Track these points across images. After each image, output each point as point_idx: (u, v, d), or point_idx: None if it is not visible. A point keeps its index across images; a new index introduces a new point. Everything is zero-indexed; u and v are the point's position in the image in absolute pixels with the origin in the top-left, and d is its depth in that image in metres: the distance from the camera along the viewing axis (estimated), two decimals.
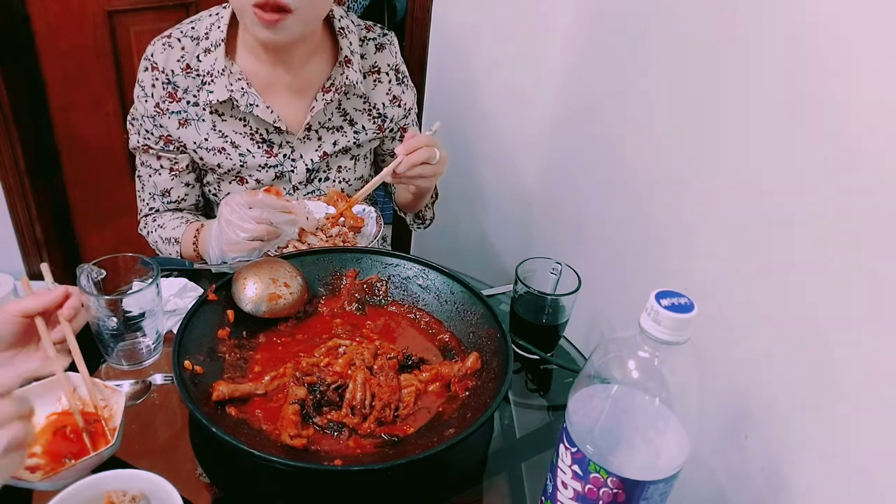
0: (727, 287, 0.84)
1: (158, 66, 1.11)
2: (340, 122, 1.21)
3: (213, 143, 1.15)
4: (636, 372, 0.59)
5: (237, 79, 1.11)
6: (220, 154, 1.16)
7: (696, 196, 0.96)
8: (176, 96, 1.12)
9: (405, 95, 1.26)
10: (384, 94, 1.23)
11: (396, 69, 1.24)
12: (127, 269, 0.88)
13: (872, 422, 0.59)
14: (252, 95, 1.12)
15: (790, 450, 0.69)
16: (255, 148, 1.16)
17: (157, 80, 1.11)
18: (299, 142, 1.18)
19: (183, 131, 1.14)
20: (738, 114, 0.85)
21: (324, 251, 1.01)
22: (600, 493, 0.61)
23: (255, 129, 1.16)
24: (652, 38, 1.14)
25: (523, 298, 0.95)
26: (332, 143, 1.21)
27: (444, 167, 1.11)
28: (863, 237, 0.62)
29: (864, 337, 0.61)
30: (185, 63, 1.11)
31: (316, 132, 1.19)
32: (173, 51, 1.11)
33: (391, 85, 1.23)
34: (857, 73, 0.64)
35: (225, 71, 1.10)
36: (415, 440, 0.77)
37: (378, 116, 1.23)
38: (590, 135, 1.43)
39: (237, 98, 1.11)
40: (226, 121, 1.14)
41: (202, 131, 1.14)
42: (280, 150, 1.18)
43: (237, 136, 1.16)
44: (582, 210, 1.46)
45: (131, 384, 0.85)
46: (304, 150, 1.19)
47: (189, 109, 1.13)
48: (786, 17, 0.76)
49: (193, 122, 1.14)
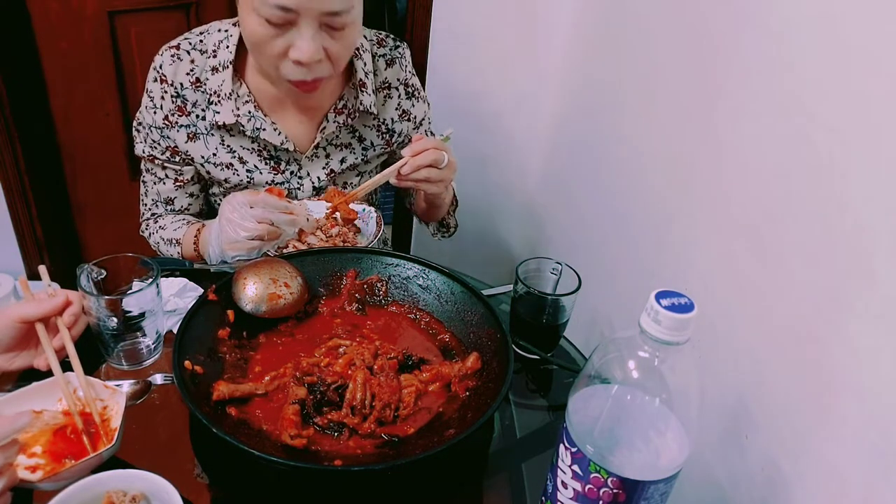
0: (727, 287, 0.84)
1: (167, 79, 1.09)
2: (349, 140, 1.20)
3: (221, 158, 1.14)
4: (636, 372, 0.59)
5: (245, 101, 1.10)
6: (227, 169, 1.15)
7: (696, 196, 0.96)
8: (185, 110, 1.11)
9: (415, 109, 1.24)
10: (393, 110, 1.21)
11: (406, 83, 1.22)
12: (127, 269, 0.88)
13: (872, 422, 0.59)
14: (259, 119, 1.11)
15: (790, 450, 0.70)
16: (262, 164, 1.16)
17: (167, 94, 1.10)
18: (307, 160, 1.17)
19: (191, 145, 1.13)
20: (739, 114, 0.85)
21: (324, 251, 1.01)
22: (600, 493, 0.61)
23: (262, 146, 1.15)
24: (653, 38, 1.14)
25: (523, 298, 0.95)
26: (340, 160, 1.20)
27: (452, 174, 1.10)
28: (863, 237, 0.62)
29: (864, 337, 0.61)
30: (194, 77, 1.10)
31: (324, 149, 1.18)
32: (182, 63, 1.09)
33: (401, 100, 1.22)
34: (858, 70, 0.64)
35: (232, 94, 1.09)
36: (415, 440, 0.78)
37: (387, 132, 1.22)
38: (590, 135, 1.43)
39: (244, 123, 1.10)
40: (234, 136, 1.13)
41: (210, 146, 1.13)
42: (287, 168, 1.17)
43: (245, 152, 1.14)
44: (582, 210, 1.46)
45: (131, 384, 0.85)
46: (312, 168, 1.18)
47: (198, 123, 1.12)
48: (786, 17, 0.76)
49: (202, 136, 1.13)
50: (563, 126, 1.62)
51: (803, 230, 0.70)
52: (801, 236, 0.71)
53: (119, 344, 0.86)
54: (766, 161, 0.78)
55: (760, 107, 0.80)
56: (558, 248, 1.60)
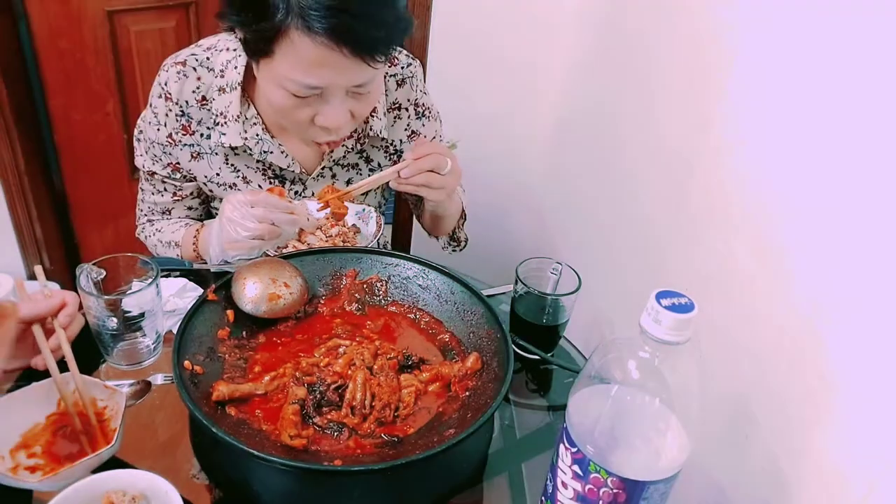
0: (727, 287, 0.84)
1: (172, 97, 1.06)
2: (356, 161, 1.18)
3: (225, 178, 1.13)
4: (636, 372, 0.59)
5: (252, 124, 1.08)
6: (230, 189, 1.14)
7: (696, 196, 0.96)
8: (189, 129, 1.09)
9: (425, 128, 1.22)
10: (402, 131, 1.19)
11: (416, 103, 1.19)
12: (127, 269, 0.88)
13: (872, 422, 0.59)
14: (267, 142, 1.09)
15: (790, 450, 0.69)
16: (266, 184, 1.14)
17: (171, 112, 1.07)
18: (312, 180, 1.16)
19: (194, 164, 1.12)
20: (739, 114, 0.85)
21: (324, 251, 1.01)
22: (600, 493, 0.61)
23: (267, 164, 1.13)
24: (653, 37, 1.14)
25: (523, 298, 0.94)
26: (346, 181, 1.18)
27: (456, 182, 1.07)
28: (863, 237, 0.62)
29: (864, 337, 0.61)
30: (200, 95, 1.07)
31: (330, 169, 1.17)
32: (188, 80, 1.06)
33: (410, 120, 1.19)
34: (858, 70, 0.64)
35: (240, 117, 1.07)
36: (415, 440, 0.77)
37: (395, 153, 1.21)
38: (590, 135, 1.43)
39: (251, 146, 1.08)
40: (238, 155, 1.12)
41: (214, 166, 1.12)
42: (292, 188, 1.16)
43: (249, 171, 1.13)
44: (582, 210, 1.46)
45: (131, 384, 0.85)
46: (317, 188, 1.16)
47: (202, 143, 1.10)
48: (786, 17, 0.76)
49: (206, 155, 1.11)
50: (563, 126, 1.62)
51: (803, 230, 0.70)
52: (801, 236, 0.71)
53: (119, 344, 0.86)
54: (767, 161, 0.78)
55: (760, 107, 0.80)
56: (558, 248, 1.60)
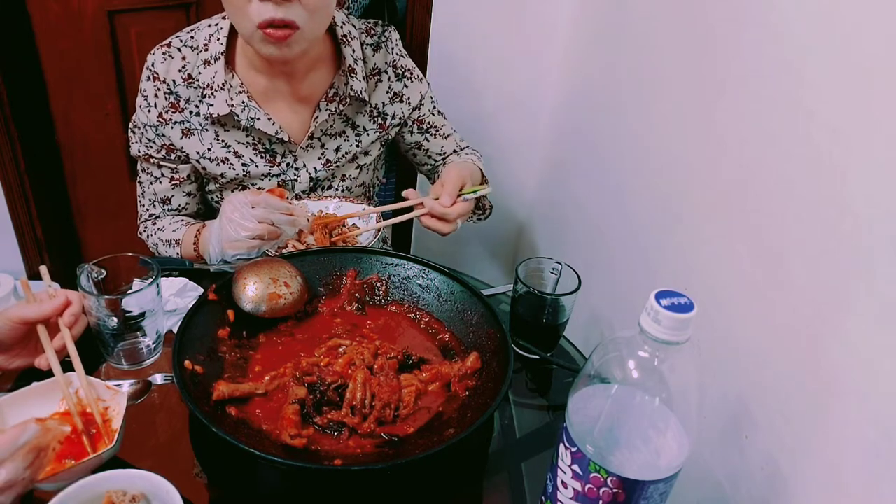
0: (727, 287, 0.84)
1: (160, 76, 1.10)
2: (342, 127, 1.20)
3: (217, 153, 1.15)
4: (636, 372, 0.59)
5: (237, 92, 1.11)
6: (223, 164, 1.16)
7: (696, 196, 0.96)
8: (178, 106, 1.12)
9: (408, 90, 1.24)
10: (384, 94, 1.22)
11: (394, 65, 1.22)
12: (127, 268, 0.88)
13: (872, 422, 0.59)
14: (253, 109, 1.11)
15: (790, 450, 0.70)
16: (257, 157, 1.16)
17: (160, 91, 1.11)
18: (302, 150, 1.18)
19: (186, 141, 1.14)
20: (738, 114, 0.85)
21: (324, 251, 1.01)
22: (600, 492, 0.61)
23: (257, 139, 1.15)
24: (653, 37, 1.14)
25: (523, 298, 0.95)
26: (335, 148, 1.20)
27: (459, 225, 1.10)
28: (863, 237, 0.62)
29: (864, 337, 0.61)
30: (186, 73, 1.11)
31: (318, 139, 1.19)
32: (174, 60, 1.11)
33: (391, 83, 1.22)
34: (859, 70, 0.64)
35: (225, 85, 1.10)
36: (415, 440, 0.78)
37: (378, 115, 1.22)
38: (590, 134, 1.43)
39: (238, 112, 1.11)
40: (228, 131, 1.14)
41: (205, 141, 1.14)
42: (283, 160, 1.17)
43: (240, 146, 1.15)
44: (582, 210, 1.46)
45: (131, 384, 0.85)
46: (307, 159, 1.19)
47: (192, 119, 1.13)
48: (786, 16, 0.76)
49: (196, 131, 1.13)
50: (563, 126, 1.62)
51: (803, 230, 0.70)
52: (801, 236, 0.71)
53: (119, 344, 0.86)
54: (767, 161, 0.78)
55: (761, 106, 0.80)
56: (558, 248, 1.60)
